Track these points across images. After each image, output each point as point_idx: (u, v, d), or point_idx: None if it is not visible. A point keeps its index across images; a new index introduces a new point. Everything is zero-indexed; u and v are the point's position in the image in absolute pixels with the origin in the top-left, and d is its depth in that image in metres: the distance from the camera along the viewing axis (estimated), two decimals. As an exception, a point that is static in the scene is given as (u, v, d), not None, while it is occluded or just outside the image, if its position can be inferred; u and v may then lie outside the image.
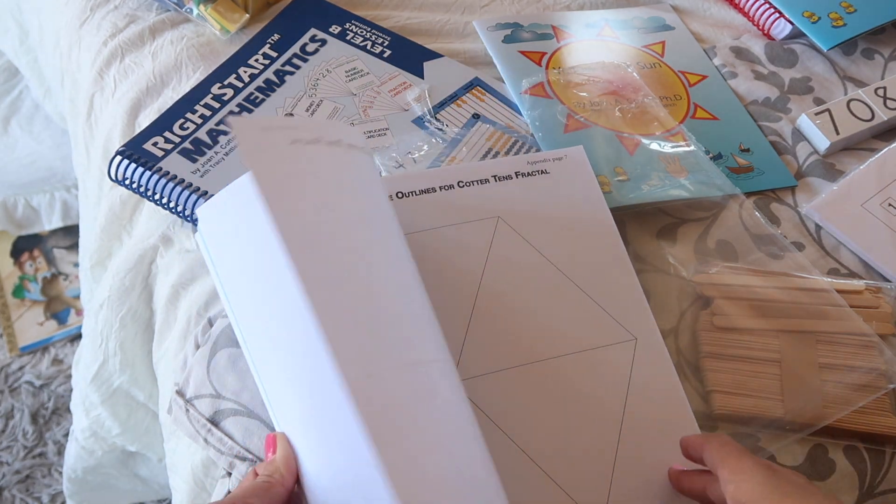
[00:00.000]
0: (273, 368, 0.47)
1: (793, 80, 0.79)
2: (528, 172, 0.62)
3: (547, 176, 0.62)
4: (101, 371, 0.80)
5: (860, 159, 0.73)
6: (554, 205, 0.61)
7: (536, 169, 0.63)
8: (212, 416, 0.55)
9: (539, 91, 0.73)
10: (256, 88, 0.72)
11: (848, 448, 0.56)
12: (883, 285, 0.63)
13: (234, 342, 0.57)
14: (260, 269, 0.47)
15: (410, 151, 0.68)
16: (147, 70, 0.75)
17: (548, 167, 0.63)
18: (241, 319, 0.49)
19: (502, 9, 0.84)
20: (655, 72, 0.78)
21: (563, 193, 0.62)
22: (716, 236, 0.65)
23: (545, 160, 0.64)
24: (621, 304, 0.58)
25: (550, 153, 0.65)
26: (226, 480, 0.54)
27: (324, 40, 0.77)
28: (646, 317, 0.58)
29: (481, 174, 0.62)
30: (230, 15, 0.77)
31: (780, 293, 0.61)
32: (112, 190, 0.73)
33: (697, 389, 0.57)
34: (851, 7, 0.83)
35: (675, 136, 0.70)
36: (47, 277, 1.44)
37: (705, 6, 0.88)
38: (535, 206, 0.61)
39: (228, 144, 0.67)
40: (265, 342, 0.48)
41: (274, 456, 0.46)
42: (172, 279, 0.65)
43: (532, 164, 0.63)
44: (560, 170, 0.63)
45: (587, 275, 0.58)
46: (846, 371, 0.57)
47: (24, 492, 1.23)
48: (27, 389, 1.32)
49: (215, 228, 0.51)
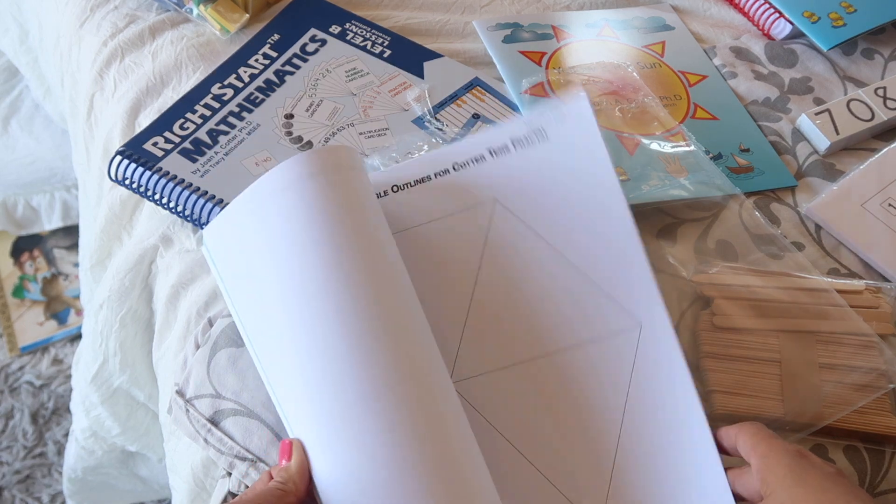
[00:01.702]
0: (289, 375, 0.48)
1: (793, 80, 0.79)
2: (525, 138, 0.58)
3: (546, 142, 0.58)
4: (101, 371, 0.80)
5: (860, 159, 0.73)
6: (554, 178, 0.57)
7: (535, 133, 0.58)
8: (212, 416, 0.55)
9: (539, 91, 0.73)
10: (256, 88, 0.72)
11: (848, 448, 0.56)
12: (883, 285, 0.63)
13: (234, 342, 0.57)
14: (282, 276, 0.48)
15: (410, 151, 0.68)
16: (147, 70, 0.75)
17: (548, 130, 0.58)
18: (254, 329, 0.50)
19: (502, 9, 0.84)
20: (655, 72, 0.78)
21: (565, 163, 0.57)
22: (716, 236, 0.65)
23: (545, 120, 0.58)
24: (627, 286, 0.54)
25: (550, 111, 0.59)
26: (226, 480, 0.54)
27: (324, 40, 0.77)
28: (653, 300, 0.54)
29: (476, 151, 0.58)
30: (230, 15, 0.77)
31: (780, 293, 0.61)
32: (112, 190, 0.73)
33: (697, 389, 0.57)
34: (851, 7, 0.83)
35: (675, 136, 0.70)
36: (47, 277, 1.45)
37: (705, 6, 0.88)
38: (534, 181, 0.57)
39: (228, 144, 0.67)
40: (279, 349, 0.48)
41: (288, 463, 0.46)
42: (172, 279, 0.65)
43: (530, 128, 0.58)
44: (562, 133, 0.57)
45: (591, 255, 0.55)
46: (846, 371, 0.57)
47: (24, 492, 1.23)
48: (27, 389, 1.32)
49: (223, 243, 0.52)
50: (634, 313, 0.54)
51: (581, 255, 0.55)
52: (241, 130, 0.69)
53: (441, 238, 0.56)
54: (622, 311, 0.54)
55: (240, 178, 0.65)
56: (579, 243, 0.55)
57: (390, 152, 0.68)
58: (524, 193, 0.57)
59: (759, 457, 0.45)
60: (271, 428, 0.53)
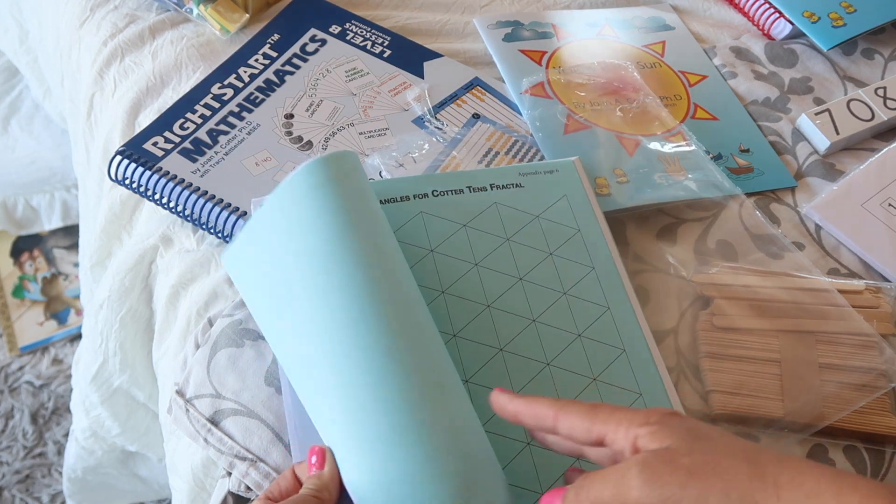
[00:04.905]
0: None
1: (793, 80, 0.79)
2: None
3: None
4: (101, 371, 0.80)
5: (860, 159, 0.73)
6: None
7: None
8: (212, 416, 0.55)
9: (539, 91, 0.73)
10: (256, 88, 0.72)
11: (848, 448, 0.56)
12: (883, 285, 0.63)
13: (234, 342, 0.57)
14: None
15: (411, 151, 0.68)
16: (147, 70, 0.75)
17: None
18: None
19: (502, 8, 0.84)
20: (656, 72, 0.78)
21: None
22: (716, 236, 0.65)
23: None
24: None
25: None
26: (225, 480, 0.54)
27: (324, 40, 0.77)
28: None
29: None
30: (230, 15, 0.77)
31: (780, 293, 0.61)
32: (112, 190, 0.73)
33: (697, 389, 0.57)
34: (851, 7, 0.83)
35: (675, 137, 0.70)
36: (47, 277, 1.45)
37: (705, 6, 0.88)
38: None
39: (228, 144, 0.67)
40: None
41: (321, 471, 0.45)
42: (172, 279, 0.65)
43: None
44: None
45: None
46: (846, 371, 0.57)
47: (24, 492, 1.23)
48: (27, 389, 1.32)
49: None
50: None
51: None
52: (241, 130, 0.69)
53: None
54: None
55: (240, 177, 0.65)
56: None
57: (390, 152, 0.68)
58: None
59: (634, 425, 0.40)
60: (272, 428, 0.53)
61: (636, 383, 0.55)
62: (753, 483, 0.35)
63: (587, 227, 0.60)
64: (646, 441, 0.38)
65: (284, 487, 0.46)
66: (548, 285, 0.57)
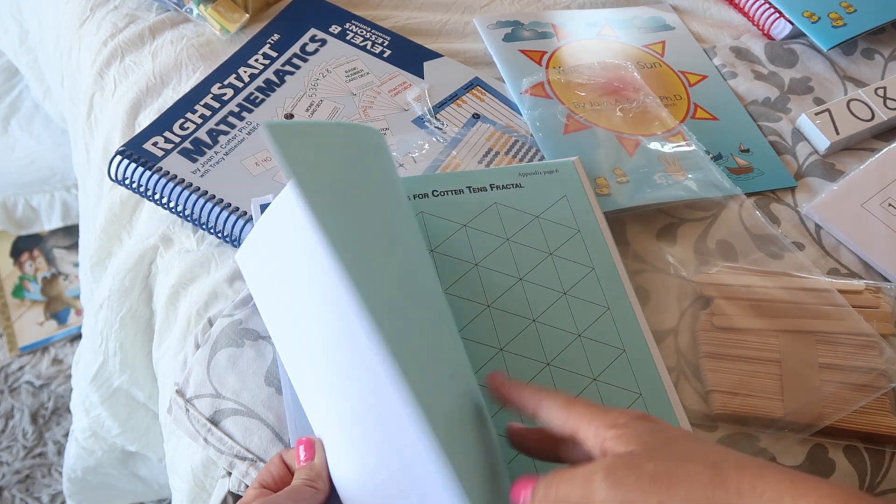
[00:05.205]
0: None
1: (793, 80, 0.79)
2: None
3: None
4: (101, 371, 0.80)
5: (860, 159, 0.73)
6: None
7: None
8: (212, 416, 0.55)
9: (539, 91, 0.73)
10: (256, 88, 0.72)
11: (848, 448, 0.56)
12: (883, 285, 0.63)
13: (234, 342, 0.57)
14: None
15: (411, 151, 0.68)
16: (147, 70, 0.75)
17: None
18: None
19: (502, 8, 0.84)
20: (656, 72, 0.78)
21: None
22: (716, 236, 0.65)
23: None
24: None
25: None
26: (225, 480, 0.54)
27: (324, 40, 0.77)
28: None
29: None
30: (230, 15, 0.77)
31: (780, 293, 0.61)
32: (112, 190, 0.73)
33: (697, 389, 0.57)
34: (851, 7, 0.83)
35: (675, 137, 0.70)
36: (47, 277, 1.45)
37: (705, 6, 0.88)
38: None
39: (228, 144, 0.67)
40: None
41: (313, 462, 0.46)
42: (172, 279, 0.65)
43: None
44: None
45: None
46: (846, 371, 0.57)
47: (24, 492, 1.23)
48: (27, 389, 1.32)
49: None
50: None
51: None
52: (241, 130, 0.69)
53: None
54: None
55: (240, 177, 0.65)
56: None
57: (391, 151, 0.68)
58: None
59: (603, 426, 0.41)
60: (271, 427, 0.53)
61: (636, 383, 0.55)
62: (716, 490, 0.36)
63: (587, 227, 0.60)
64: (612, 444, 0.39)
65: (276, 474, 0.46)
66: (548, 285, 0.57)
